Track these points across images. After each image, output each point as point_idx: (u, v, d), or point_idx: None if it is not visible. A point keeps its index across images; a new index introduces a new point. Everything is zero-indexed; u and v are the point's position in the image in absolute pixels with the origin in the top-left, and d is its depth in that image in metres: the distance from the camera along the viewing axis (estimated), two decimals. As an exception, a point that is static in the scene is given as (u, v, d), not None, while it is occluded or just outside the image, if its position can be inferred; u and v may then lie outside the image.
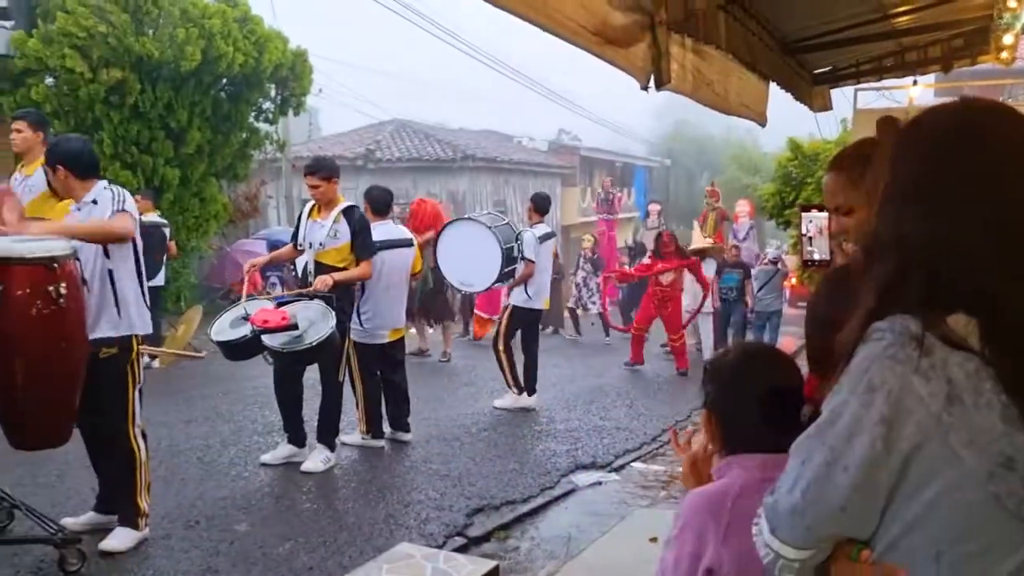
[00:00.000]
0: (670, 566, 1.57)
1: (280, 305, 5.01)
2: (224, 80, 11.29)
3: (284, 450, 5.32)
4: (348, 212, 5.22)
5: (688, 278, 10.45)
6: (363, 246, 5.20)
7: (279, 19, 23.98)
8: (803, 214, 2.26)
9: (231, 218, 13.38)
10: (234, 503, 4.55)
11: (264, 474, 5.10)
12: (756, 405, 1.60)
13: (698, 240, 11.41)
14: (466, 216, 7.61)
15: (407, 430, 5.98)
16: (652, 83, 3.25)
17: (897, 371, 1.04)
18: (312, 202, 5.35)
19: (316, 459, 5.17)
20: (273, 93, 12.31)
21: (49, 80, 10.09)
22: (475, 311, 11.91)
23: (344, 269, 5.14)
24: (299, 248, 5.35)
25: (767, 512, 1.20)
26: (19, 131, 5.10)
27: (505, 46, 21.95)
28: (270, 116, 12.55)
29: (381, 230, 5.77)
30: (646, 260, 10.73)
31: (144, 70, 10.18)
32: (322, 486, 4.91)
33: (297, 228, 5.44)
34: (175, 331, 8.82)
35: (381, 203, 5.97)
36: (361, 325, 5.59)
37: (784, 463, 1.42)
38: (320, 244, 5.17)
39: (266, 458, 5.30)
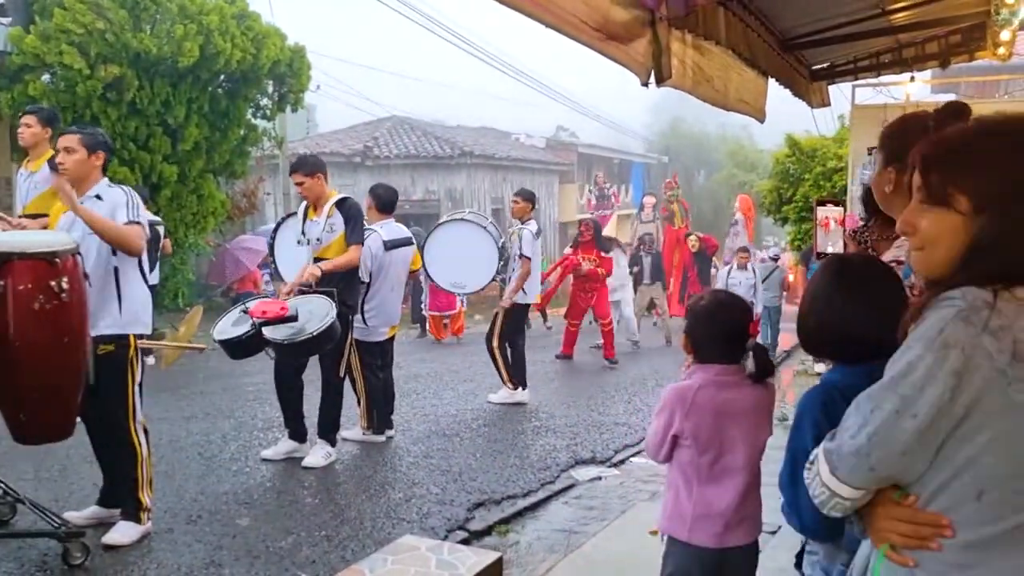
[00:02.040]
0: (653, 431, 2.42)
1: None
2: (222, 76, 11.29)
3: (285, 446, 5.33)
4: (340, 204, 5.20)
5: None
6: (354, 232, 5.15)
7: (276, 16, 23.93)
8: (818, 208, 2.31)
9: (229, 215, 13.39)
10: (236, 498, 4.56)
11: (265, 469, 5.12)
12: (717, 333, 2.37)
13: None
14: (455, 217, 7.55)
15: (390, 426, 5.99)
16: (652, 79, 3.27)
17: (970, 331, 1.19)
18: (305, 203, 5.33)
19: (317, 454, 5.18)
20: (271, 90, 12.32)
21: (46, 76, 10.09)
22: (430, 312, 11.95)
23: None
24: (299, 243, 5.33)
25: (827, 455, 1.36)
26: (28, 126, 5.08)
27: (502, 42, 21.93)
28: (268, 113, 12.56)
29: (387, 229, 5.79)
30: (567, 250, 10.92)
31: (142, 66, 10.18)
32: (323, 481, 4.93)
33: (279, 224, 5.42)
34: (176, 332, 8.80)
35: (386, 201, 5.96)
36: (365, 323, 5.61)
37: (732, 372, 2.35)
38: (318, 240, 5.17)
39: (267, 453, 5.31)
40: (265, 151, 14.73)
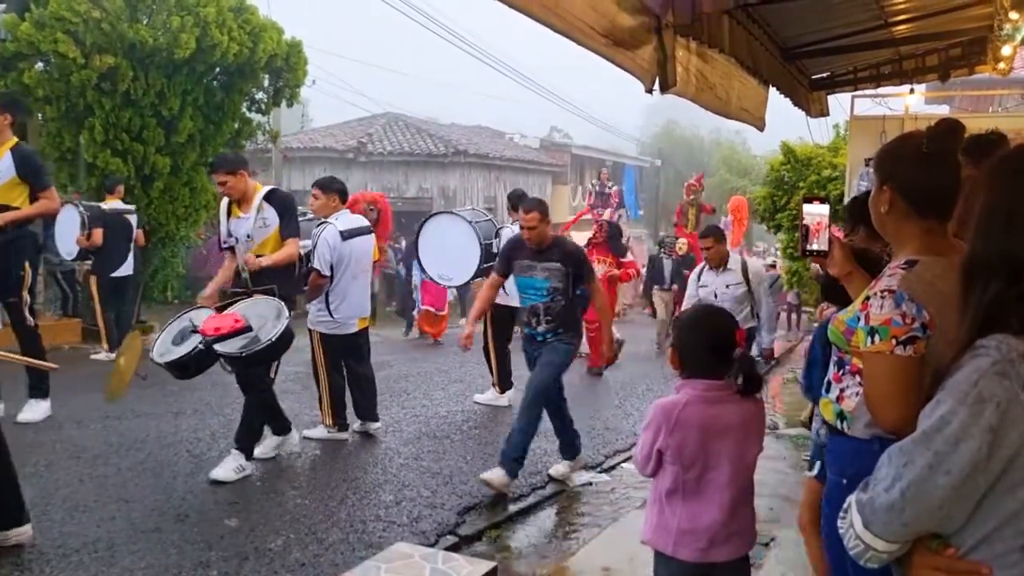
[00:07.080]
0: (641, 444, 2.43)
1: (222, 309, 4.74)
2: (217, 69, 11.19)
3: (271, 442, 5.25)
4: (270, 196, 5.00)
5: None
6: (289, 225, 4.96)
7: (273, 9, 23.82)
8: (805, 205, 2.27)
9: (221, 208, 13.29)
10: (224, 497, 4.51)
11: (253, 468, 5.06)
12: (702, 346, 2.38)
13: None
14: (447, 210, 7.60)
15: (376, 419, 5.94)
16: (657, 86, 3.25)
17: (1006, 385, 1.15)
18: (228, 200, 5.07)
19: (228, 467, 4.79)
20: (266, 83, 12.22)
21: (40, 65, 9.98)
22: (423, 307, 11.86)
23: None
24: (224, 247, 5.09)
25: (860, 508, 1.32)
26: None
27: (498, 42, 21.91)
28: (263, 106, 12.45)
29: (343, 219, 5.66)
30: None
31: (137, 57, 10.08)
32: (313, 482, 4.89)
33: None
34: (119, 362, 8.35)
35: (345, 193, 5.85)
36: (331, 315, 5.54)
37: (720, 389, 2.34)
38: (249, 237, 4.93)
39: (255, 452, 5.25)
40: (259, 145, 14.63)
